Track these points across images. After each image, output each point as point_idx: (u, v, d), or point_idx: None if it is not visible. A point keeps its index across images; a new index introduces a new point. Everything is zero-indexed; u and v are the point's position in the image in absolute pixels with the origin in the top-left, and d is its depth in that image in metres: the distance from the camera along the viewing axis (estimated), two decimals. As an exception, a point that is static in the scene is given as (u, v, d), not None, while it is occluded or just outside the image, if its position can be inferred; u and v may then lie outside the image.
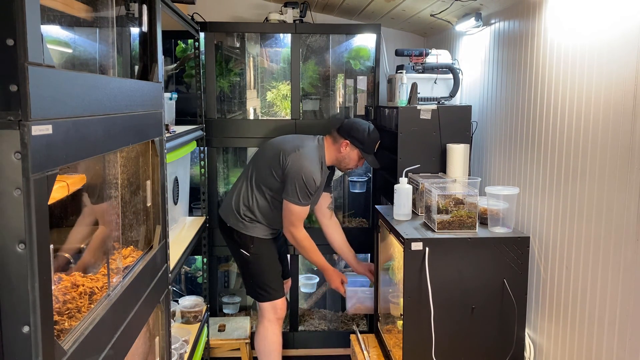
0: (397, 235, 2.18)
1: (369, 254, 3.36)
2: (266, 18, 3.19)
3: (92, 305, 1.18)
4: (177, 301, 2.86)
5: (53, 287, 0.97)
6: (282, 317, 2.74)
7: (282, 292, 2.73)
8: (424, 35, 3.57)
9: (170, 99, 2.66)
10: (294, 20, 3.15)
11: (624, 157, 1.56)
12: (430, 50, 2.75)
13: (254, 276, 2.68)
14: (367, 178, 3.44)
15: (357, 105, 3.35)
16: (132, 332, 1.39)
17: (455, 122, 2.58)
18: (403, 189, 2.37)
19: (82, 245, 1.33)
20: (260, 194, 2.63)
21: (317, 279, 3.58)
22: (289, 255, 3.22)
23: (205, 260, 3.11)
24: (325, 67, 3.33)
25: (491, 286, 2.08)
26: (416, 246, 2.04)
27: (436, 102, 2.72)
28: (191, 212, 3.14)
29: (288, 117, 3.18)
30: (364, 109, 3.31)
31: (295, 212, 2.56)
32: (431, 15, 2.85)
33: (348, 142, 2.64)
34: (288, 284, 3.08)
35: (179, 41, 3.30)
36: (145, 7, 1.66)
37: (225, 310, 3.42)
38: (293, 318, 3.28)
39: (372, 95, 3.26)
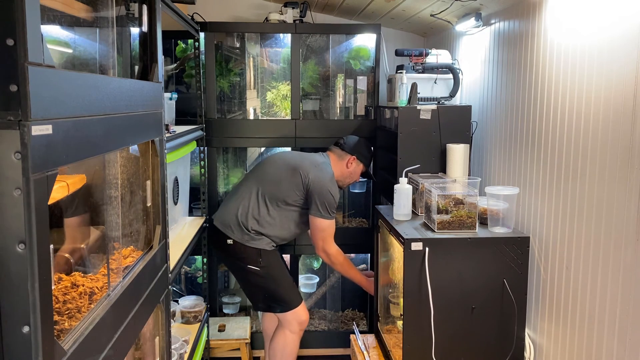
0: (397, 235, 2.18)
1: (369, 254, 3.37)
2: (266, 18, 3.19)
3: (92, 305, 1.18)
4: (177, 301, 2.86)
5: (53, 287, 0.97)
6: (304, 327, 2.69)
7: (300, 297, 2.68)
8: (424, 35, 3.57)
9: (170, 99, 2.66)
10: (294, 20, 3.15)
11: (624, 157, 1.56)
12: (430, 50, 2.75)
13: (269, 290, 2.61)
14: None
15: (357, 105, 3.35)
16: (132, 332, 1.39)
17: (455, 122, 2.58)
18: (403, 189, 2.38)
19: (82, 246, 1.33)
20: (275, 208, 2.61)
21: (317, 279, 3.58)
22: (289, 256, 3.22)
23: (205, 260, 3.11)
24: (325, 67, 3.33)
25: (491, 286, 2.08)
26: (416, 246, 2.04)
27: (436, 102, 2.72)
28: (191, 212, 3.14)
29: (288, 117, 3.18)
30: (364, 109, 3.31)
31: (327, 227, 2.61)
32: (431, 15, 2.85)
33: (355, 157, 2.75)
34: None
35: (179, 41, 3.30)
36: (145, 7, 1.66)
37: (225, 310, 3.42)
38: (293, 318, 3.27)
39: (372, 95, 3.26)
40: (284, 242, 2.77)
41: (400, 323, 2.19)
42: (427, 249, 2.04)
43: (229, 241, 2.63)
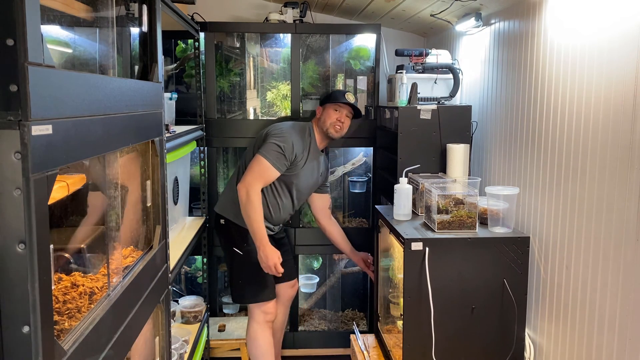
0: (397, 235, 2.18)
1: (369, 254, 3.36)
2: (266, 18, 3.19)
3: (92, 305, 1.18)
4: (177, 301, 2.86)
5: (53, 287, 0.97)
6: (271, 319, 2.70)
7: (272, 294, 2.68)
8: (424, 35, 3.57)
9: (170, 99, 2.66)
10: (294, 20, 3.15)
11: (624, 156, 1.56)
12: (430, 50, 2.75)
13: (242, 277, 2.64)
14: (367, 178, 3.44)
15: (357, 105, 3.34)
16: (132, 332, 1.39)
17: (455, 122, 2.59)
18: (403, 189, 2.38)
19: (82, 246, 1.33)
20: None
21: (317, 279, 3.58)
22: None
23: (205, 260, 3.11)
24: (325, 67, 3.33)
25: (491, 286, 2.08)
26: (416, 246, 2.04)
27: (436, 102, 2.72)
28: (191, 212, 3.14)
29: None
30: (364, 109, 3.31)
31: (263, 167, 2.49)
32: (431, 15, 2.85)
33: (318, 106, 2.80)
34: (295, 287, 3.05)
35: (179, 41, 3.30)
36: (145, 7, 1.66)
37: (225, 310, 3.42)
38: (293, 318, 3.27)
39: (372, 95, 3.26)
40: (281, 220, 2.77)
41: (400, 323, 2.19)
42: (427, 249, 2.04)
43: (222, 221, 2.68)
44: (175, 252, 2.19)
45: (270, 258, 2.49)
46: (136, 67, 1.74)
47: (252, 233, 2.51)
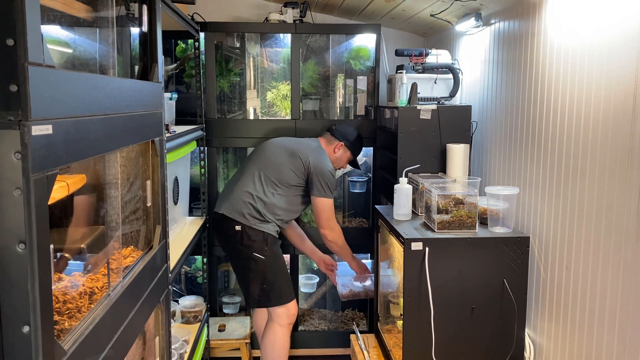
0: (397, 235, 2.18)
1: (369, 254, 3.37)
2: (266, 18, 3.19)
3: (92, 305, 1.18)
4: (177, 301, 2.86)
5: (53, 287, 0.97)
6: (293, 321, 2.70)
7: (293, 294, 2.70)
8: (424, 35, 3.57)
9: (170, 99, 2.66)
10: (294, 20, 3.15)
11: (624, 156, 1.56)
12: (430, 50, 2.75)
13: (268, 280, 2.61)
14: (367, 178, 3.44)
15: (357, 105, 3.35)
16: (132, 332, 1.39)
17: (455, 122, 2.59)
18: (403, 189, 2.38)
19: (82, 245, 1.33)
20: (278, 190, 2.65)
21: (317, 279, 3.58)
22: (288, 256, 3.21)
23: (205, 260, 3.11)
24: (325, 67, 3.33)
25: (491, 286, 2.08)
26: (416, 246, 2.04)
27: (436, 102, 2.72)
28: (191, 212, 3.14)
29: (288, 117, 3.18)
30: (364, 109, 3.31)
31: (330, 206, 2.73)
32: (431, 15, 2.85)
33: (343, 144, 2.81)
34: None
35: (179, 41, 3.30)
36: (145, 7, 1.66)
37: (225, 310, 3.42)
38: (293, 318, 3.27)
39: (372, 95, 3.26)
40: (291, 219, 2.84)
41: (400, 323, 2.19)
42: (427, 249, 2.04)
43: (238, 227, 2.60)
44: (175, 252, 2.19)
45: (360, 270, 2.99)
46: (136, 67, 1.74)
47: (347, 256, 2.91)
